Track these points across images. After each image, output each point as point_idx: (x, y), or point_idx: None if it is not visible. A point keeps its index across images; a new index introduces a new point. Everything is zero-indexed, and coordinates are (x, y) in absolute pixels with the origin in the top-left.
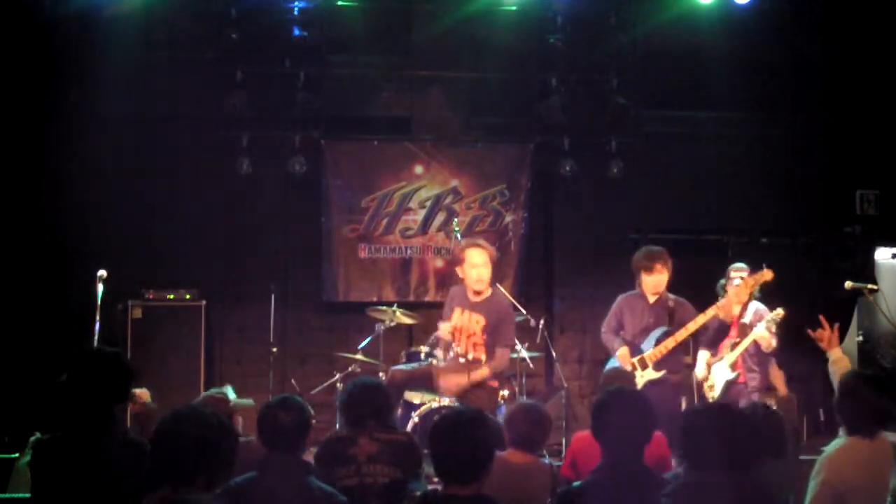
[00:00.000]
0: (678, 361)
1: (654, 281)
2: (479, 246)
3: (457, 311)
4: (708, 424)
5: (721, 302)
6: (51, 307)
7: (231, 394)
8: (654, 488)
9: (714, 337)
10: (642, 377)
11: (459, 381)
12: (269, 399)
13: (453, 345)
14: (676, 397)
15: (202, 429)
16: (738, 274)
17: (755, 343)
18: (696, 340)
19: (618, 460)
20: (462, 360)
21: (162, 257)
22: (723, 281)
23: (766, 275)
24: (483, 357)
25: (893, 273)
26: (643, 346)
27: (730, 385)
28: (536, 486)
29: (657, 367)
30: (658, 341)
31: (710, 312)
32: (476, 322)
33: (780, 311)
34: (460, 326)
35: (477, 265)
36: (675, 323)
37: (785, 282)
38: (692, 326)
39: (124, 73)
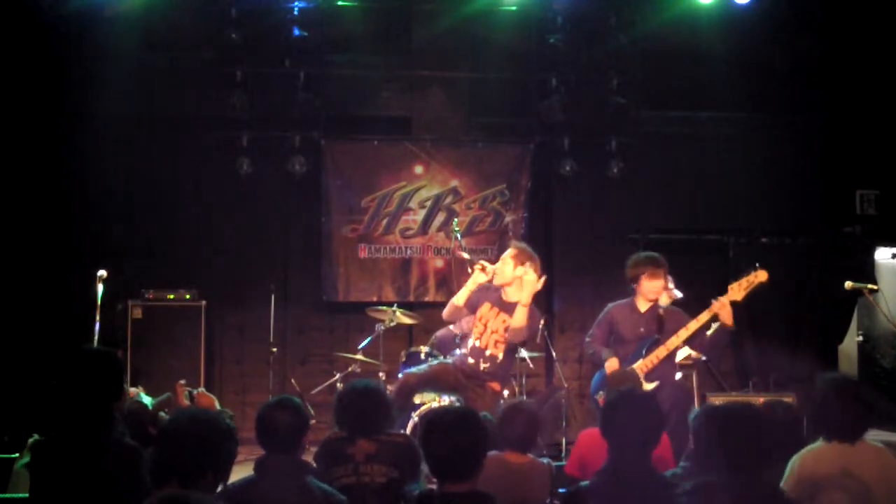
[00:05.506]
0: (671, 371)
1: (655, 287)
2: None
3: (485, 306)
4: (722, 424)
5: (714, 306)
6: (51, 307)
7: (145, 398)
8: (660, 490)
9: (713, 341)
10: None
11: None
12: (268, 399)
13: (472, 338)
14: (688, 401)
15: (207, 430)
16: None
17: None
18: (691, 346)
19: (624, 461)
20: (471, 360)
21: (162, 257)
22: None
23: (761, 275)
24: (500, 355)
25: (893, 273)
26: (631, 357)
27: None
28: (535, 487)
29: (648, 377)
30: (648, 351)
31: (703, 318)
32: (503, 322)
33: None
34: (486, 321)
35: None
36: (665, 332)
37: (785, 282)
38: (684, 334)
39: (124, 73)
